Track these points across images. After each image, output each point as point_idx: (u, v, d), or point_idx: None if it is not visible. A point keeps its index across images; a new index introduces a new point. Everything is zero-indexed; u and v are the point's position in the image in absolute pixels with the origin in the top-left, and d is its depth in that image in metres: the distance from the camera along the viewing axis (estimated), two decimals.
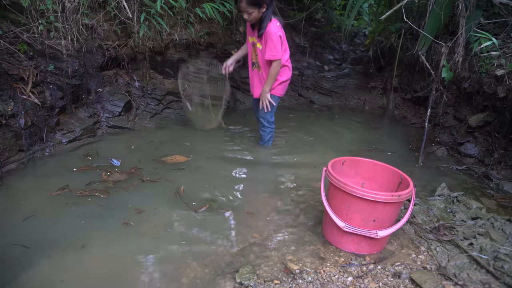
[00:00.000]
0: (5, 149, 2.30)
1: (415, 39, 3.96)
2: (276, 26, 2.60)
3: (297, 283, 1.49)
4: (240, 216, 2.02)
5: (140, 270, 1.56)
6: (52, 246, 1.67)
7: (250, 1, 2.47)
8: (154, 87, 3.64)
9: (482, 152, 2.93)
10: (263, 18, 2.58)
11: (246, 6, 2.49)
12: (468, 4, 2.86)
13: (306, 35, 5.67)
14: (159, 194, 2.19)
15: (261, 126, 2.97)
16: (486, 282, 1.51)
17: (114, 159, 2.55)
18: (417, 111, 4.15)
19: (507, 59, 2.70)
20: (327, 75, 5.34)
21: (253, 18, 2.56)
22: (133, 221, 1.89)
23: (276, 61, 2.64)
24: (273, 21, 2.60)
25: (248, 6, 2.49)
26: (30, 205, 1.98)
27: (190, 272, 1.56)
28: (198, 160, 2.72)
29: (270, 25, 2.59)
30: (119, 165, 2.50)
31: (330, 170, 1.73)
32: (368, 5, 6.22)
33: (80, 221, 1.87)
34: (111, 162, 2.52)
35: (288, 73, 2.84)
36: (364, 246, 1.71)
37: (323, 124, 3.91)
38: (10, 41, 2.52)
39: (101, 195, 2.11)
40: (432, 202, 2.23)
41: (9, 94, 2.41)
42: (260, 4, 2.49)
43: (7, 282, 1.45)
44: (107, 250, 1.67)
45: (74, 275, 1.51)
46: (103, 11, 3.07)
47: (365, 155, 2.73)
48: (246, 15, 2.56)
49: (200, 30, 3.81)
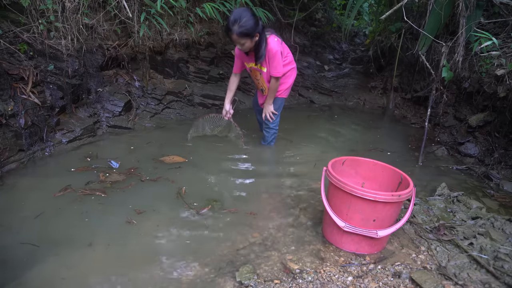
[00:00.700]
0: (5, 149, 2.30)
1: (415, 39, 3.96)
2: (274, 42, 2.56)
3: (297, 283, 1.49)
4: (240, 216, 2.02)
5: (140, 270, 1.56)
6: (59, 245, 1.69)
7: (241, 33, 2.37)
8: (154, 87, 3.64)
9: (482, 152, 2.92)
10: (258, 46, 2.54)
11: (237, 38, 2.41)
12: (468, 4, 2.86)
13: (306, 35, 5.67)
14: (160, 194, 2.19)
15: (266, 127, 2.98)
16: (486, 282, 1.51)
17: (113, 161, 2.54)
18: (417, 111, 4.15)
19: (507, 59, 2.69)
20: (327, 74, 5.34)
21: (246, 48, 2.52)
22: (135, 220, 1.90)
23: (277, 78, 2.66)
24: (271, 38, 2.55)
25: (240, 37, 2.40)
26: (30, 205, 1.98)
27: (190, 271, 1.56)
28: (198, 160, 2.72)
29: (269, 43, 2.53)
30: (117, 167, 2.50)
31: (330, 170, 1.73)
32: (368, 5, 6.22)
33: (84, 219, 1.88)
34: (110, 164, 2.52)
35: (295, 74, 2.88)
36: (364, 246, 1.71)
37: (323, 123, 3.91)
38: (10, 41, 2.52)
39: (102, 194, 2.11)
40: (432, 202, 2.23)
41: (9, 94, 2.41)
42: (252, 34, 2.41)
43: (16, 278, 1.45)
44: (110, 249, 1.68)
45: (76, 272, 1.52)
46: (103, 11, 3.07)
47: (365, 155, 2.73)
48: (239, 46, 2.51)
49: (200, 30, 3.81)
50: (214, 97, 4.02)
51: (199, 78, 4.01)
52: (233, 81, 2.91)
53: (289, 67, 2.79)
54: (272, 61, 2.58)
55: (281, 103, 2.91)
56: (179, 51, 3.79)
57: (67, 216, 1.91)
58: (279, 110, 2.90)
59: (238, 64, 2.85)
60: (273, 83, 2.69)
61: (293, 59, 2.83)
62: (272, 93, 2.77)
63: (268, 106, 2.85)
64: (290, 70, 2.80)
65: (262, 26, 2.50)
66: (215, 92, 4.04)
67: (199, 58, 4.00)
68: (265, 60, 2.62)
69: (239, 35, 2.37)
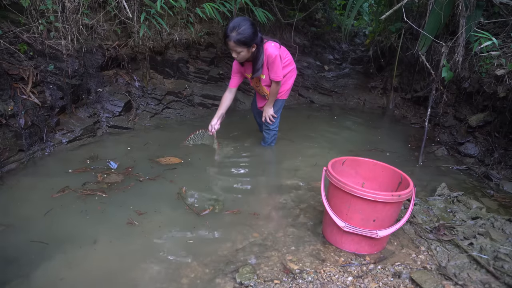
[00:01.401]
0: (5, 149, 2.30)
1: (415, 39, 3.96)
2: (272, 47, 2.53)
3: (297, 283, 1.49)
4: (241, 216, 2.02)
5: (140, 269, 1.56)
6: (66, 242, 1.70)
7: (239, 40, 2.33)
8: (154, 87, 3.64)
9: (482, 152, 2.92)
10: (256, 58, 2.51)
11: (234, 45, 2.35)
12: (468, 4, 2.86)
13: (306, 35, 5.67)
14: (160, 194, 2.19)
15: (266, 128, 2.98)
16: (486, 282, 1.51)
17: (112, 162, 2.54)
18: (417, 111, 4.15)
19: (507, 59, 2.70)
20: (327, 75, 5.34)
21: (242, 58, 2.47)
22: (137, 221, 1.90)
23: (278, 82, 2.66)
24: (268, 44, 2.53)
25: (237, 45, 2.35)
26: (30, 205, 1.99)
27: (190, 272, 1.56)
28: (198, 160, 2.72)
29: (267, 49, 2.51)
30: (116, 167, 2.49)
31: (330, 170, 1.73)
32: (368, 5, 6.23)
33: (85, 217, 1.89)
34: (109, 165, 2.51)
35: (295, 75, 2.89)
36: (364, 246, 1.71)
37: (323, 124, 3.91)
38: (10, 41, 2.52)
39: (103, 194, 2.11)
40: (432, 202, 2.23)
41: (9, 94, 2.41)
42: (249, 44, 2.38)
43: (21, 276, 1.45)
44: (111, 249, 1.68)
45: (77, 272, 1.52)
46: (103, 11, 3.07)
47: (365, 155, 2.73)
48: (235, 54, 2.44)
49: (200, 30, 3.81)
50: (214, 97, 4.02)
51: (199, 78, 4.01)
52: (227, 98, 2.83)
53: (289, 68, 2.79)
54: (271, 66, 2.57)
55: (281, 105, 2.91)
56: (179, 51, 3.80)
57: (68, 216, 1.91)
58: (279, 112, 2.90)
59: (235, 79, 2.80)
60: (274, 87, 2.69)
61: (292, 60, 2.82)
62: (273, 96, 2.77)
63: (268, 109, 2.85)
64: (290, 72, 2.80)
65: (261, 38, 2.47)
66: (215, 92, 4.04)
67: (199, 58, 4.00)
68: (264, 66, 2.61)
69: (236, 42, 2.34)
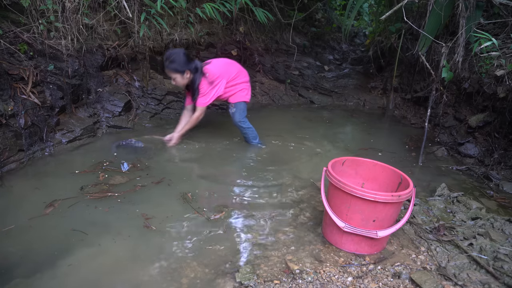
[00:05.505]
0: (5, 149, 2.30)
1: (415, 39, 3.96)
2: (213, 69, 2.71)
3: (297, 283, 1.49)
4: (240, 216, 2.02)
5: (140, 269, 1.56)
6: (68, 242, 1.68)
7: (171, 67, 2.61)
8: (154, 87, 3.64)
9: (482, 152, 2.93)
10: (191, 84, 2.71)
11: (168, 71, 2.64)
12: (468, 5, 2.86)
13: (306, 35, 5.67)
14: (165, 197, 2.19)
15: (240, 129, 3.02)
16: (486, 282, 1.51)
17: (125, 163, 2.51)
18: (417, 111, 4.15)
19: (507, 59, 2.70)
20: (327, 75, 5.34)
21: (178, 83, 2.71)
22: (137, 222, 1.90)
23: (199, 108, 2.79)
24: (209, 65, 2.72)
25: (170, 71, 2.63)
26: (30, 205, 1.98)
27: (190, 272, 1.56)
28: (197, 160, 2.72)
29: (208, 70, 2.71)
30: (127, 169, 2.47)
31: (330, 170, 1.73)
32: (368, 5, 6.23)
33: (88, 217, 1.88)
34: (121, 166, 2.49)
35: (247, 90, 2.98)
36: (364, 246, 1.71)
37: (323, 124, 3.91)
38: (10, 41, 2.52)
39: (109, 194, 2.11)
40: (432, 202, 2.24)
41: (9, 94, 2.41)
42: (181, 71, 2.62)
43: None
44: (111, 249, 1.68)
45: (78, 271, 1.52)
46: (103, 11, 3.07)
47: (365, 155, 2.74)
48: (172, 80, 2.71)
49: (200, 30, 3.81)
50: None
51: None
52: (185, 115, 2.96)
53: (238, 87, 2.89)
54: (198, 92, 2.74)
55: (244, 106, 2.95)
56: None
57: (70, 216, 1.91)
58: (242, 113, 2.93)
59: (188, 98, 2.95)
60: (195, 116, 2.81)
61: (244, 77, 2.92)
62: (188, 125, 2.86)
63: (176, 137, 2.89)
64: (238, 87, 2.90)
65: (196, 68, 2.69)
66: None
67: (199, 58, 3.99)
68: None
69: (168, 69, 2.63)
